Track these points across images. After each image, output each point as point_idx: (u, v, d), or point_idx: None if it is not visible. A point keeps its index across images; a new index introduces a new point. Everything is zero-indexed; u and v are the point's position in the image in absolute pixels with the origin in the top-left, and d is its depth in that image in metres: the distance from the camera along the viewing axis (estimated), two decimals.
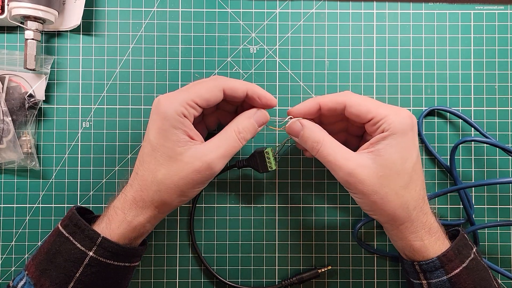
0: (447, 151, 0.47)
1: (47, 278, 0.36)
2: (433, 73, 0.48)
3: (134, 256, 0.39)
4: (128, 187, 0.39)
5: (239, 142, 0.39)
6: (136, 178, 0.38)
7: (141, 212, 0.38)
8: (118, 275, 0.38)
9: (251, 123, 0.39)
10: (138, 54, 0.47)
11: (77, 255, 0.36)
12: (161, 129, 0.37)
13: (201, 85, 0.38)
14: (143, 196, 0.38)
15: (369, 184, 0.37)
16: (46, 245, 0.38)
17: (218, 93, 0.38)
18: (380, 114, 0.37)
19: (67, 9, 0.46)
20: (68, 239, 0.37)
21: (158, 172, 0.37)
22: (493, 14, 0.48)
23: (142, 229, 0.39)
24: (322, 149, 0.38)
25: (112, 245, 0.37)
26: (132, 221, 0.38)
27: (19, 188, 0.47)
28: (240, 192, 0.47)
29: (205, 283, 0.47)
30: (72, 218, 0.38)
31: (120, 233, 0.37)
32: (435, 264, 0.38)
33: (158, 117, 0.37)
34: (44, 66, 0.46)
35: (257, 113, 0.40)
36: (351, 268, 0.47)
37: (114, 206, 0.38)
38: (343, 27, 0.48)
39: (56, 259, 0.37)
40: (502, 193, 0.48)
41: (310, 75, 0.48)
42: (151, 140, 0.37)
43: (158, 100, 0.37)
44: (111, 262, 0.37)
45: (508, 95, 0.48)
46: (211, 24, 0.47)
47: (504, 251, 0.47)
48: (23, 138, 0.46)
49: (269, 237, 0.47)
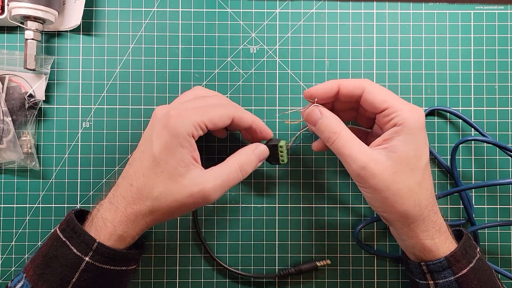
0: (447, 151, 0.47)
1: (44, 283, 0.36)
2: (433, 73, 0.48)
3: (130, 260, 0.39)
4: (118, 197, 0.37)
5: (240, 174, 0.39)
6: (130, 190, 0.37)
7: (132, 225, 0.37)
8: (116, 279, 0.38)
9: (253, 158, 0.40)
10: (138, 54, 0.47)
11: (73, 260, 0.36)
12: (169, 145, 0.36)
13: (215, 112, 0.38)
14: (136, 210, 0.37)
15: (381, 179, 0.36)
16: (44, 249, 0.38)
17: (227, 121, 0.39)
18: (395, 106, 0.37)
19: (67, 9, 0.46)
20: (65, 243, 0.37)
21: (155, 189, 0.36)
22: (493, 14, 0.48)
23: (131, 241, 0.38)
24: (338, 141, 0.38)
25: (108, 251, 0.36)
26: (122, 234, 0.37)
27: (19, 188, 0.47)
28: (240, 192, 0.47)
29: (205, 283, 0.47)
30: (70, 222, 0.38)
31: (110, 244, 0.37)
32: (442, 264, 0.37)
33: (167, 133, 0.36)
34: (44, 66, 0.46)
35: (259, 148, 0.41)
36: (351, 268, 0.47)
37: (103, 218, 0.37)
38: (343, 27, 0.48)
39: (53, 264, 0.36)
40: (502, 193, 0.48)
41: (310, 75, 0.48)
42: (154, 154, 0.36)
43: (168, 115, 0.37)
44: (108, 267, 0.37)
45: (508, 95, 0.48)
46: (211, 24, 0.47)
47: (504, 251, 0.47)
48: (23, 138, 0.46)
49: (269, 237, 0.47)
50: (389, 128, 0.38)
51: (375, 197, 0.38)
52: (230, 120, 0.39)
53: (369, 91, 0.38)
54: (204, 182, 0.37)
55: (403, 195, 0.37)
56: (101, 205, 0.38)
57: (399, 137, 0.37)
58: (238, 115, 0.39)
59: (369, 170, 0.36)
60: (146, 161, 0.37)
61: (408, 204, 0.37)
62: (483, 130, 0.47)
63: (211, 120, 0.38)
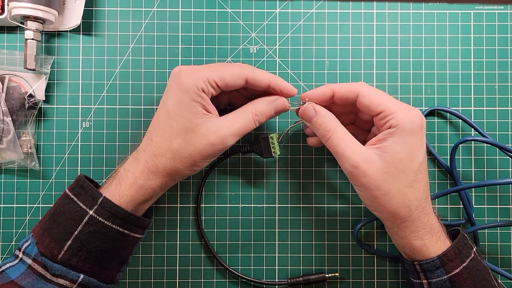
0: (447, 151, 0.47)
1: (48, 235, 0.37)
2: (433, 73, 0.48)
3: (134, 225, 0.39)
4: (140, 152, 0.39)
5: (253, 123, 0.40)
6: (150, 144, 0.39)
7: (153, 177, 0.39)
8: (116, 241, 0.39)
9: (270, 109, 0.41)
10: (138, 54, 0.47)
11: (78, 213, 0.37)
12: (181, 100, 0.38)
13: (226, 70, 0.39)
14: (157, 162, 0.38)
15: (372, 179, 0.37)
16: (53, 208, 0.39)
17: (240, 81, 0.39)
18: (390, 109, 0.37)
19: (67, 9, 0.46)
20: (73, 199, 0.38)
21: (174, 141, 0.38)
22: (493, 14, 0.48)
23: (152, 193, 0.39)
24: (332, 138, 0.38)
25: (111, 205, 0.37)
26: (143, 184, 0.39)
27: (19, 188, 0.47)
28: (240, 192, 0.47)
29: (204, 282, 0.47)
30: (79, 181, 0.39)
31: (130, 194, 0.38)
32: (435, 263, 0.38)
33: (178, 89, 0.38)
34: (44, 66, 0.46)
35: (278, 101, 0.41)
36: (351, 268, 0.47)
37: (126, 169, 0.39)
38: (343, 27, 0.48)
39: (59, 218, 0.38)
40: (502, 193, 0.48)
41: (310, 75, 0.48)
42: (168, 108, 0.38)
43: (180, 71, 0.38)
44: (109, 223, 0.38)
45: (508, 95, 0.48)
46: (211, 24, 0.47)
47: (504, 251, 0.47)
48: (23, 138, 0.46)
49: (269, 237, 0.47)
50: (385, 130, 0.38)
51: (366, 196, 0.38)
52: (243, 80, 0.39)
53: (364, 95, 0.39)
54: (220, 130, 0.38)
55: (392, 196, 0.37)
56: (125, 160, 0.40)
57: (392, 138, 0.37)
58: (252, 76, 0.39)
59: (361, 169, 0.37)
60: (162, 116, 0.39)
61: (397, 204, 0.37)
62: (483, 130, 0.47)
63: (222, 79, 0.38)
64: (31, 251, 0.38)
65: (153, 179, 0.39)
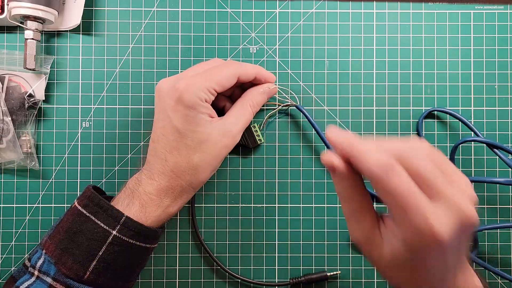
0: (447, 151, 0.47)
1: (70, 256, 0.37)
2: (433, 73, 0.48)
3: (154, 238, 0.40)
4: (157, 174, 0.39)
5: (252, 115, 0.42)
6: (167, 166, 0.39)
7: (179, 196, 0.40)
8: (139, 255, 0.39)
9: (264, 98, 0.43)
10: (138, 54, 0.47)
11: (101, 234, 0.37)
12: (189, 116, 0.38)
13: (220, 74, 0.39)
14: (181, 182, 0.39)
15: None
16: (65, 224, 0.38)
17: (234, 81, 0.40)
18: None
19: (67, 9, 0.46)
20: (89, 218, 0.38)
21: (193, 157, 0.39)
22: (493, 14, 0.48)
23: (178, 210, 0.40)
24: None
25: (135, 225, 0.37)
26: (170, 204, 0.39)
27: (19, 188, 0.47)
28: (240, 192, 0.47)
29: (204, 283, 0.47)
30: (92, 198, 0.38)
31: (157, 215, 0.39)
32: None
33: (182, 107, 0.38)
34: (44, 66, 0.46)
35: (271, 90, 0.43)
36: (351, 268, 0.47)
37: (147, 192, 0.39)
38: (343, 27, 0.48)
39: (78, 238, 0.37)
40: (502, 193, 0.48)
41: (310, 75, 0.48)
42: (178, 128, 0.38)
43: (176, 89, 0.38)
44: (133, 242, 0.38)
45: (508, 95, 0.48)
46: (211, 24, 0.47)
47: (504, 251, 0.47)
48: (23, 138, 0.46)
49: (269, 237, 0.47)
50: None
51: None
52: (236, 78, 0.40)
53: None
54: (229, 131, 0.40)
55: None
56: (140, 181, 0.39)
57: None
58: (243, 72, 0.41)
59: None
60: (171, 135, 0.39)
61: None
62: (483, 130, 0.47)
63: (219, 83, 0.39)
64: (48, 270, 0.37)
65: (179, 199, 0.40)
